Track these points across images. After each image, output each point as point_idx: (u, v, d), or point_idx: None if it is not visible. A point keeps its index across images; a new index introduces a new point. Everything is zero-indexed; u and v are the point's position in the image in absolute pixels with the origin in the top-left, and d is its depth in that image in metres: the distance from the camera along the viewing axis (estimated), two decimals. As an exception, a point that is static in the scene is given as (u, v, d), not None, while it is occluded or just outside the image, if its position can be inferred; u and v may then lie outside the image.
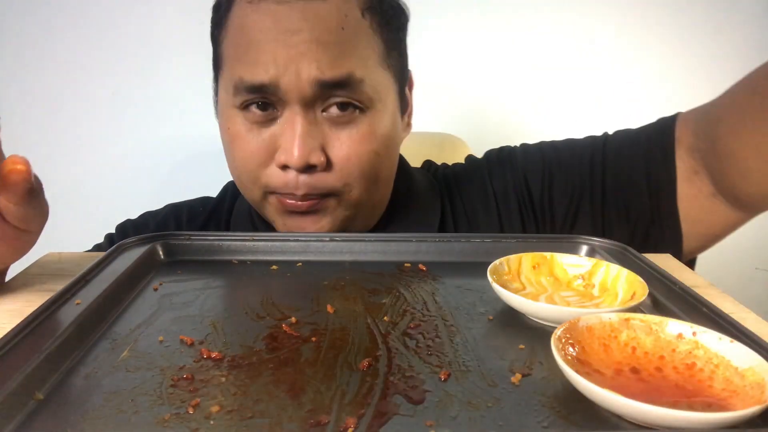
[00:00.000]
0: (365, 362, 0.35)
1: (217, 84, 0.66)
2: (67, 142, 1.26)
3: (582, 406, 0.31)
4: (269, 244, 0.54)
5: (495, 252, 0.51)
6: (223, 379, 0.33)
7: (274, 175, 0.60)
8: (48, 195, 0.42)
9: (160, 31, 1.23)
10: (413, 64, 0.69)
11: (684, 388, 0.32)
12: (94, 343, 0.37)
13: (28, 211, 0.41)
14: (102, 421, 0.29)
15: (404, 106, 0.69)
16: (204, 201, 0.78)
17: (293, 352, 0.36)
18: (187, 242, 0.53)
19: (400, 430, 0.29)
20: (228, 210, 0.75)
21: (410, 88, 0.71)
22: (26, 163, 0.39)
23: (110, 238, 0.73)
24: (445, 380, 0.33)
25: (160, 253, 0.52)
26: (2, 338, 0.33)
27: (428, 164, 0.81)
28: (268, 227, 0.69)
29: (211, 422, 0.29)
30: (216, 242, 0.54)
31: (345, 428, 0.29)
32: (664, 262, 0.51)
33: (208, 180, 0.82)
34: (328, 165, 0.59)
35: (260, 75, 0.57)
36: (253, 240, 0.54)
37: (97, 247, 0.73)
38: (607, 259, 0.50)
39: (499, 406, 0.31)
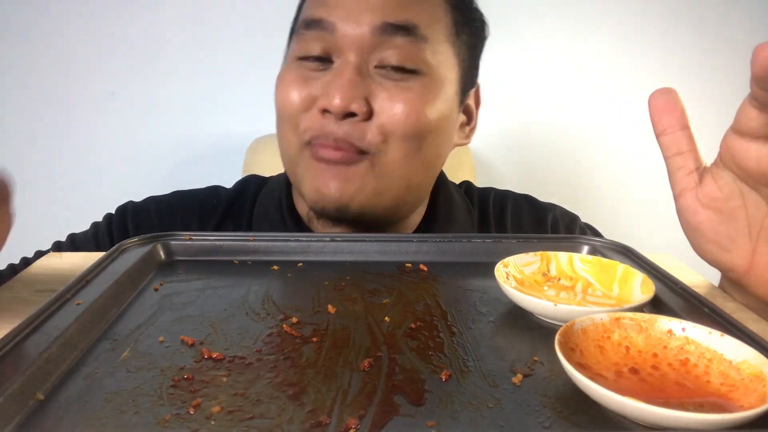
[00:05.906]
0: (366, 362, 0.35)
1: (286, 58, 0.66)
2: (66, 142, 1.26)
3: (583, 407, 0.30)
4: (270, 244, 0.54)
5: (496, 252, 0.51)
6: (224, 380, 0.33)
7: (313, 119, 0.59)
8: (48, 195, 0.42)
9: (160, 31, 1.23)
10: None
11: (684, 386, 0.32)
12: (95, 343, 0.37)
13: None
14: (102, 422, 0.29)
15: (467, 112, 0.69)
16: (214, 191, 0.75)
17: (294, 353, 0.36)
18: (188, 242, 0.53)
19: (402, 430, 0.29)
20: (249, 208, 0.72)
21: (477, 105, 0.71)
22: None
23: (108, 218, 0.72)
24: (446, 381, 0.33)
25: (161, 253, 0.52)
26: (2, 338, 0.33)
27: (465, 185, 0.80)
28: (300, 225, 0.67)
29: (212, 423, 0.29)
30: (217, 242, 0.54)
31: (346, 429, 0.28)
32: (665, 261, 0.51)
33: (209, 180, 0.82)
34: (370, 116, 0.58)
35: (320, 11, 0.58)
36: (254, 240, 0.54)
37: (95, 226, 0.71)
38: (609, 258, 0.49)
39: (500, 406, 0.31)
